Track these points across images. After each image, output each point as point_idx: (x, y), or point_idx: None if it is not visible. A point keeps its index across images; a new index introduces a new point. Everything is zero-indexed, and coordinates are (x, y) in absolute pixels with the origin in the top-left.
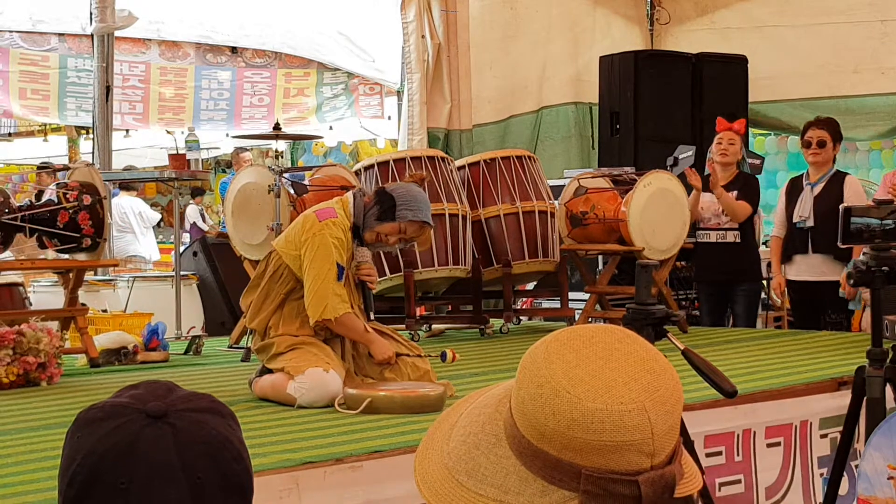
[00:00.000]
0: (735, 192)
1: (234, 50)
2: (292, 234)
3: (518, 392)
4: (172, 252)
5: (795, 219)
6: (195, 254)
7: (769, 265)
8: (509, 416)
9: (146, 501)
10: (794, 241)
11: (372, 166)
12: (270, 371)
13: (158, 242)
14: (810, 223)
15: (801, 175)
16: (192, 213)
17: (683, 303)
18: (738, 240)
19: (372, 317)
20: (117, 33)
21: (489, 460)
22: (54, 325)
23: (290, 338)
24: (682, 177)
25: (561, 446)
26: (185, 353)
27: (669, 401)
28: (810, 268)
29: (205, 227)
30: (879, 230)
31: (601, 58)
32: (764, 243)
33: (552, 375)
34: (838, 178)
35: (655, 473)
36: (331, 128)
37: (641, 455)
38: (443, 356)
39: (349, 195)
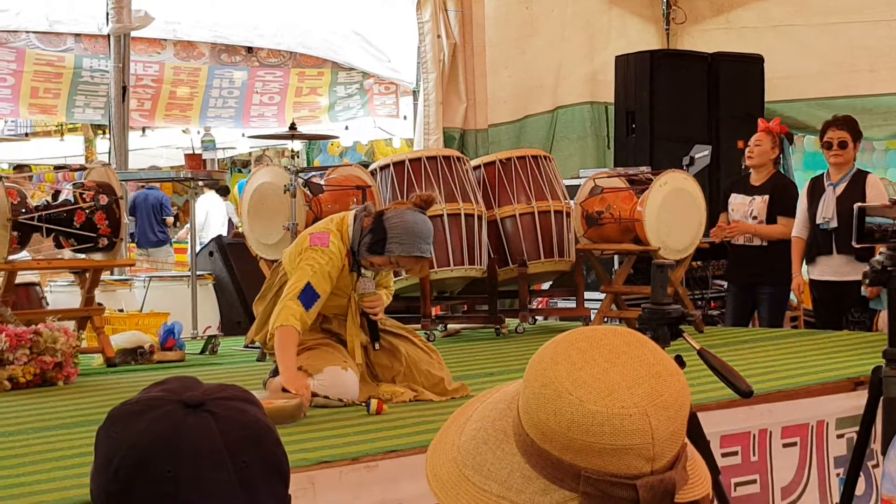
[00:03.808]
0: (766, 198)
1: (249, 50)
2: (293, 253)
3: (524, 391)
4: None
5: (818, 220)
6: (211, 254)
7: None
8: (516, 414)
9: (195, 487)
10: (818, 242)
11: (387, 166)
12: None
13: (174, 242)
14: (833, 224)
15: (822, 175)
16: (231, 210)
17: (699, 302)
18: (764, 243)
19: (377, 347)
20: (133, 34)
21: (495, 456)
22: (71, 324)
23: (306, 341)
24: (698, 176)
25: (562, 447)
26: (201, 352)
27: (673, 406)
28: (834, 268)
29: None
30: (891, 230)
31: (617, 57)
32: None
33: (556, 376)
34: (860, 178)
35: (655, 478)
36: (346, 127)
37: (641, 459)
38: (367, 406)
39: (350, 216)
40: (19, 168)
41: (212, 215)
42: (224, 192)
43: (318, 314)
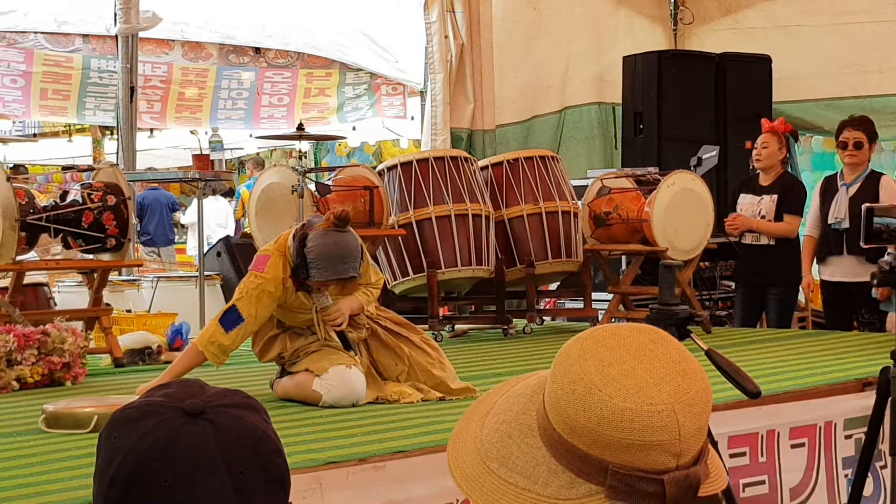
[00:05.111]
0: (775, 197)
1: (257, 50)
2: None
3: (551, 386)
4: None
5: (830, 220)
6: (219, 254)
7: None
8: (542, 408)
9: (190, 497)
10: (829, 243)
11: (395, 167)
12: (290, 373)
13: (182, 242)
14: (845, 224)
15: (836, 174)
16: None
17: (707, 303)
18: (771, 242)
19: (351, 354)
20: (141, 34)
21: (520, 450)
22: (79, 325)
23: (307, 346)
24: (706, 176)
25: (590, 442)
26: None
27: (699, 403)
28: (845, 269)
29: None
30: None
31: (624, 58)
32: None
33: (585, 372)
34: (874, 179)
35: (680, 473)
36: (354, 128)
37: (668, 455)
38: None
39: (290, 239)
40: (16, 169)
41: (207, 218)
42: (230, 193)
43: (304, 326)
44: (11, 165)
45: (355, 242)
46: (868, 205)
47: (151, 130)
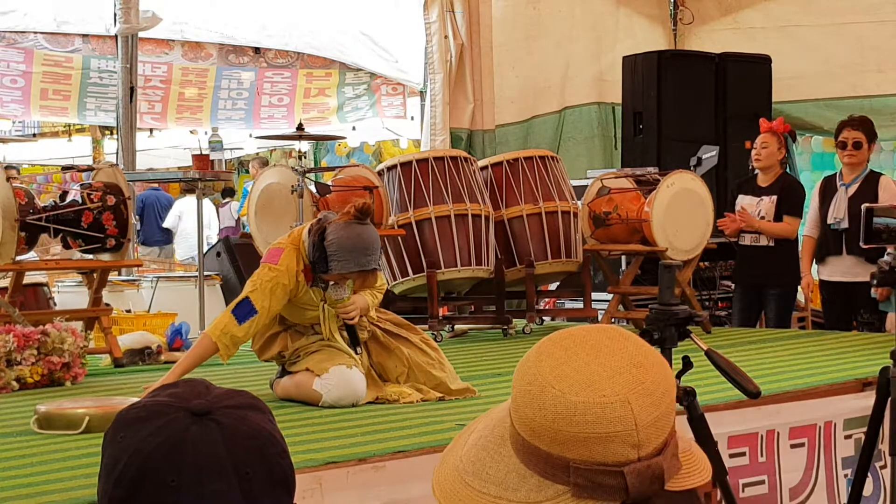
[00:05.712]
0: (774, 198)
1: (256, 50)
2: None
3: (513, 391)
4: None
5: (830, 220)
6: (218, 254)
7: None
8: (509, 415)
9: (197, 497)
10: (828, 243)
11: (395, 167)
12: (290, 372)
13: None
14: (845, 224)
15: (835, 175)
16: (236, 208)
17: (707, 303)
18: (770, 243)
19: (359, 351)
20: (141, 34)
21: (493, 460)
22: (78, 325)
23: (308, 346)
24: (705, 177)
25: (549, 440)
26: None
27: (655, 393)
28: (844, 269)
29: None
30: None
31: (624, 58)
32: None
33: (540, 372)
34: (873, 179)
35: (642, 465)
36: (354, 128)
37: (626, 446)
38: None
39: (306, 230)
40: (8, 168)
41: (185, 219)
42: (230, 193)
43: (307, 325)
44: (5, 166)
45: (376, 235)
46: (868, 205)
47: (151, 130)
